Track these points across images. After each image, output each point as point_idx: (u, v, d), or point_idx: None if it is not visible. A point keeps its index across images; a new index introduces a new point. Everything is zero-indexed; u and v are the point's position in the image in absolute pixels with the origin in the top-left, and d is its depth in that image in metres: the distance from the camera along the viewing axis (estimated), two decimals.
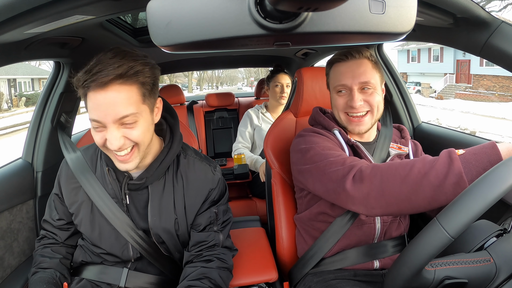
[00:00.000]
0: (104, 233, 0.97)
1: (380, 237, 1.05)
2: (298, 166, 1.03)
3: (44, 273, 0.97)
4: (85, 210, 0.98)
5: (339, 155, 0.94)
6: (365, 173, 0.83)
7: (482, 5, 0.96)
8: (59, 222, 1.04)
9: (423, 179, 0.75)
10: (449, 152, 0.77)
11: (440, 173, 0.74)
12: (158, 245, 0.99)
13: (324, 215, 1.05)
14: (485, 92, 18.82)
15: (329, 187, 0.90)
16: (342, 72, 1.04)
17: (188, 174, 0.99)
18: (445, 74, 22.84)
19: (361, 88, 1.03)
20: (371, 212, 0.84)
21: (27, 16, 0.75)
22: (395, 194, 0.78)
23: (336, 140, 1.05)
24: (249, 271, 1.08)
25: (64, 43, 1.20)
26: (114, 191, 0.96)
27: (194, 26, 0.44)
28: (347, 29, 0.45)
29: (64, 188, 1.01)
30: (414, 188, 0.76)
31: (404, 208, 0.80)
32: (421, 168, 0.77)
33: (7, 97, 21.30)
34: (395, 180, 0.78)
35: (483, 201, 0.57)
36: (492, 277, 0.62)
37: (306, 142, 1.03)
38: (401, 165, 0.80)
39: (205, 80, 50.08)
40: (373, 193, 0.81)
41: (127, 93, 0.78)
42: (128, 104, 0.78)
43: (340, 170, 0.88)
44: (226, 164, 2.60)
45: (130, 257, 0.99)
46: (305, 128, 1.11)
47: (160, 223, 0.96)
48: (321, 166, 0.93)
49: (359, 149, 1.04)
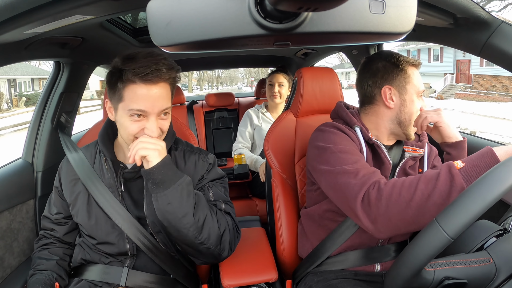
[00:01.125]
0: (100, 221, 1.00)
1: (384, 241, 1.05)
2: (313, 163, 1.01)
3: (41, 275, 1.00)
4: (81, 200, 1.02)
5: (355, 161, 0.92)
6: (372, 197, 0.83)
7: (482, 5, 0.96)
8: (57, 216, 1.08)
9: (428, 201, 0.76)
10: (448, 167, 0.77)
11: (443, 192, 0.75)
12: (154, 235, 1.00)
13: (332, 213, 1.05)
14: (485, 92, 18.82)
15: (341, 199, 0.91)
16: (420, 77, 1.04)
17: (179, 165, 1.03)
18: (445, 74, 22.83)
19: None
20: (378, 235, 0.85)
21: (27, 16, 0.75)
22: (401, 218, 0.79)
23: (356, 138, 1.02)
24: (249, 271, 1.08)
25: (64, 43, 1.20)
26: (110, 181, 1.01)
27: (194, 26, 0.44)
28: (347, 29, 0.45)
29: (63, 180, 1.06)
30: (419, 211, 0.77)
31: (411, 229, 0.81)
32: (424, 189, 0.77)
33: (7, 97, 21.29)
34: (400, 205, 0.79)
35: (482, 202, 0.57)
36: (492, 277, 0.62)
37: (324, 139, 1.00)
38: (404, 187, 0.80)
39: (205, 80, 50.11)
40: (380, 219, 0.81)
41: (167, 89, 0.92)
42: (168, 99, 0.92)
43: (352, 185, 0.87)
44: (226, 164, 2.60)
45: (126, 249, 1.00)
46: (326, 123, 1.08)
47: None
48: (335, 173, 0.92)
49: (380, 149, 1.02)
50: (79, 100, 1.63)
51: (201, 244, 0.92)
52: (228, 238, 0.97)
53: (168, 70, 0.88)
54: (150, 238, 1.00)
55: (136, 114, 0.88)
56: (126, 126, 0.90)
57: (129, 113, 0.88)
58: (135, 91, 0.87)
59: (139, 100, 0.87)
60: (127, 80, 0.87)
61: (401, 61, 1.01)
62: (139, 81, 0.86)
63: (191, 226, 0.89)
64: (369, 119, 1.07)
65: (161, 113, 0.91)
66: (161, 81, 0.89)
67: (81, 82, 1.58)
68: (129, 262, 1.02)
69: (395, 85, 1.01)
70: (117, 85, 0.89)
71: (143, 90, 0.87)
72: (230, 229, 0.98)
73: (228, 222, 0.99)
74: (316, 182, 1.04)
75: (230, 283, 1.03)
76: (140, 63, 0.86)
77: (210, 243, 0.92)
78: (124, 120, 0.90)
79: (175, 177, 0.89)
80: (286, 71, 2.38)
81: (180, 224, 0.88)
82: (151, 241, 1.00)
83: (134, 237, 0.98)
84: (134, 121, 0.89)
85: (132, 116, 0.89)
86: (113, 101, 0.92)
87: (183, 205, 0.88)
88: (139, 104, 0.87)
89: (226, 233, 0.96)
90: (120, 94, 0.89)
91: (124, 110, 0.89)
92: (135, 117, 0.89)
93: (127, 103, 0.88)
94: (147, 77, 0.86)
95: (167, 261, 1.03)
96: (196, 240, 0.90)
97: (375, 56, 1.07)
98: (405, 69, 1.01)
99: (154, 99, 0.88)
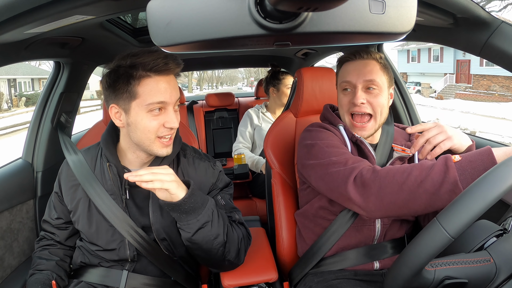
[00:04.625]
0: (101, 229, 0.99)
1: (379, 239, 1.05)
2: (303, 160, 1.03)
3: (41, 275, 0.99)
4: (82, 206, 1.00)
5: (342, 153, 0.95)
6: (365, 177, 0.85)
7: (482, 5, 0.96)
8: (58, 221, 1.06)
9: (419, 187, 0.77)
10: (445, 159, 0.78)
11: (436, 181, 0.76)
12: (158, 242, 0.99)
13: (325, 211, 1.06)
14: (485, 92, 18.82)
15: (331, 186, 0.92)
16: (348, 70, 1.05)
17: (189, 171, 1.02)
18: (445, 74, 22.82)
19: (366, 87, 1.03)
20: (371, 215, 0.86)
21: (27, 16, 0.75)
22: (393, 200, 0.81)
23: (341, 136, 1.05)
24: (249, 271, 1.08)
25: (64, 43, 1.20)
26: (112, 187, 0.98)
27: (194, 26, 0.44)
28: (347, 29, 0.45)
29: (63, 186, 1.04)
30: (410, 195, 0.78)
31: (401, 213, 0.83)
32: (418, 176, 0.79)
33: (7, 97, 21.29)
34: (393, 187, 0.81)
35: (483, 201, 0.57)
36: (492, 277, 0.62)
37: (312, 138, 1.04)
38: (398, 172, 0.82)
39: (205, 80, 50.09)
40: (372, 198, 0.83)
41: (175, 81, 0.93)
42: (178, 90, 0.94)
43: (342, 171, 0.90)
44: (226, 164, 2.60)
45: (127, 256, 0.99)
46: (313, 123, 1.12)
47: (161, 218, 0.97)
48: (324, 164, 0.95)
49: (363, 145, 1.04)
50: (79, 100, 1.63)
51: (224, 259, 0.96)
52: (244, 247, 1.01)
53: (175, 64, 0.89)
54: (152, 244, 0.99)
55: (157, 108, 0.88)
56: (145, 124, 0.88)
57: (148, 108, 0.87)
58: (152, 85, 0.86)
59: (158, 92, 0.87)
60: (140, 76, 0.86)
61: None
62: (154, 74, 0.86)
63: (222, 246, 0.92)
64: None
65: (175, 105, 0.92)
66: (171, 73, 0.90)
67: (81, 82, 1.58)
68: (129, 265, 1.01)
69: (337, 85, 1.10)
70: (128, 84, 0.86)
71: (160, 82, 0.87)
72: (245, 239, 1.02)
73: (243, 232, 1.02)
74: (306, 179, 1.05)
75: (230, 283, 1.03)
76: (148, 57, 0.86)
77: (230, 256, 0.96)
78: (141, 118, 0.88)
79: (204, 201, 0.89)
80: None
81: (211, 246, 0.91)
82: (153, 246, 0.99)
83: (135, 243, 0.97)
84: (154, 116, 0.88)
85: (152, 112, 0.88)
86: (122, 102, 0.89)
87: (214, 227, 0.90)
88: (158, 96, 0.87)
89: (242, 244, 1.00)
90: (132, 91, 0.86)
91: (141, 107, 0.87)
92: (155, 111, 0.88)
93: (145, 98, 0.86)
94: (161, 69, 0.86)
95: (168, 265, 1.02)
96: (223, 256, 0.94)
97: None
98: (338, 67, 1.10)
99: (171, 89, 0.89)
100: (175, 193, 0.83)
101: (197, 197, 0.87)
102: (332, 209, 1.04)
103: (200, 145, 2.88)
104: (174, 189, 0.83)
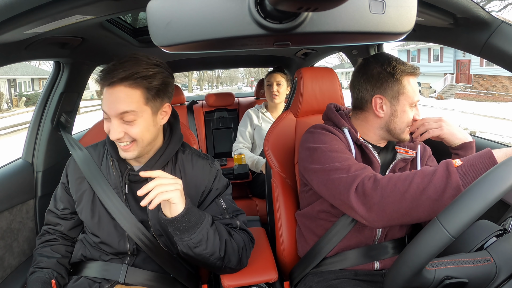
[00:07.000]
0: (103, 221, 1.01)
1: (380, 239, 1.05)
2: (305, 164, 1.02)
3: (41, 273, 1.00)
4: (86, 198, 1.03)
5: (346, 159, 0.94)
6: (367, 187, 0.84)
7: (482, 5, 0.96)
8: (64, 211, 1.09)
9: (422, 194, 0.77)
10: (446, 165, 0.78)
11: (438, 187, 0.75)
12: (156, 238, 1.00)
13: (326, 214, 1.05)
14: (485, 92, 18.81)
15: (334, 192, 0.91)
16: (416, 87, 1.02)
17: (186, 168, 1.04)
18: (445, 74, 22.80)
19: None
20: (373, 225, 0.86)
21: (27, 16, 0.75)
22: (396, 209, 0.80)
23: (344, 138, 1.03)
24: (249, 271, 1.08)
25: (64, 43, 1.20)
26: (115, 181, 1.02)
27: (194, 26, 0.44)
28: (347, 29, 0.45)
29: (70, 177, 1.07)
30: (413, 203, 0.78)
31: (404, 221, 0.81)
32: (420, 183, 0.78)
33: (7, 97, 21.28)
34: (395, 196, 0.80)
35: (484, 200, 0.57)
36: (492, 277, 0.62)
37: (315, 141, 1.01)
38: (400, 180, 0.81)
39: (205, 80, 50.08)
40: (375, 208, 0.82)
41: (129, 94, 0.88)
42: (130, 103, 0.88)
43: (344, 178, 0.88)
44: (226, 164, 2.60)
45: (127, 249, 1.01)
46: (315, 125, 1.09)
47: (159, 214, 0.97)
48: (327, 170, 0.93)
49: (368, 149, 1.02)
50: (79, 100, 1.63)
51: (225, 267, 0.98)
52: (246, 253, 1.01)
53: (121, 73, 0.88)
54: (152, 240, 1.00)
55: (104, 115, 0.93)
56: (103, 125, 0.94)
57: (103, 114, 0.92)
58: (103, 93, 0.92)
59: (103, 101, 0.91)
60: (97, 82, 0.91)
61: (397, 71, 0.98)
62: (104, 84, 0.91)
63: (219, 260, 0.94)
64: (359, 123, 1.08)
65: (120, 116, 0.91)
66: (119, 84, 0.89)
67: (81, 82, 1.58)
68: (129, 259, 1.02)
69: (387, 95, 0.99)
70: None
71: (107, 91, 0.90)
72: (247, 245, 1.02)
73: (244, 239, 1.02)
74: (308, 182, 1.04)
75: (230, 283, 1.03)
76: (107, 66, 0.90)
77: (231, 264, 0.98)
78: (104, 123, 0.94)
79: (200, 220, 0.89)
80: (283, 70, 2.39)
81: (207, 261, 0.93)
82: (152, 242, 1.00)
83: (135, 237, 0.99)
84: (106, 122, 0.93)
85: (104, 118, 0.93)
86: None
87: (209, 246, 0.91)
88: (103, 105, 0.92)
89: (244, 251, 1.00)
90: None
91: None
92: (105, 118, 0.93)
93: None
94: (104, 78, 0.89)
95: (168, 262, 1.03)
96: (222, 266, 0.96)
97: (372, 59, 1.03)
98: (400, 79, 0.98)
99: (111, 101, 0.91)
100: (176, 202, 0.84)
101: (191, 216, 0.87)
102: (334, 212, 1.03)
103: (200, 145, 2.88)
104: (175, 198, 0.83)
